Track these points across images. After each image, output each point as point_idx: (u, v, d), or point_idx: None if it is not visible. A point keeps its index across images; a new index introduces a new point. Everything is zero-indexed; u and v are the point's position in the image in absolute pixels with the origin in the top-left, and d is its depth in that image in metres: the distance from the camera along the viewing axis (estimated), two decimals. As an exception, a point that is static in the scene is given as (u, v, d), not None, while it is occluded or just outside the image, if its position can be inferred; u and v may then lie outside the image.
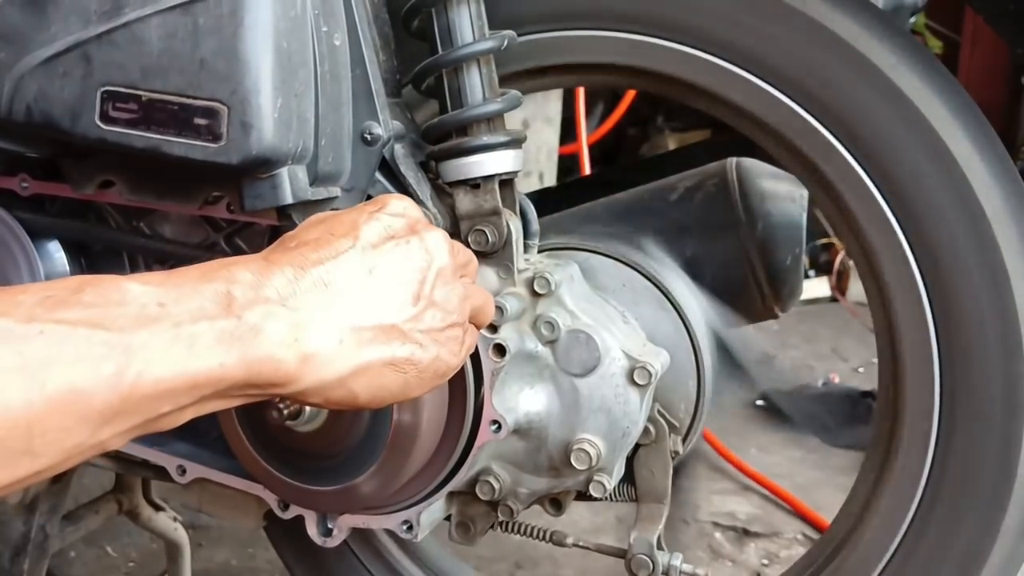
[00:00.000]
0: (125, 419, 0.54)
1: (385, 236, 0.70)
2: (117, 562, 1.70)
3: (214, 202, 0.93)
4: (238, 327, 0.59)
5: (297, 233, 0.70)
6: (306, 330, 0.62)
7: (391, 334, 0.67)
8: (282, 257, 0.66)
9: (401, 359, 0.68)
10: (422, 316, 0.69)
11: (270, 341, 0.60)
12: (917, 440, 0.93)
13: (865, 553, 0.97)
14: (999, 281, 0.87)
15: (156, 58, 0.79)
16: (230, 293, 0.60)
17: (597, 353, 0.92)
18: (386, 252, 0.69)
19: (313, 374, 0.63)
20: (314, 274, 0.65)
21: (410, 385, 0.69)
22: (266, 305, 0.61)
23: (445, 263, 0.71)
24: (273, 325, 0.61)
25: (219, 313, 0.59)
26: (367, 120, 0.88)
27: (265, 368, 0.60)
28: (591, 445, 0.93)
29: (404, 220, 0.72)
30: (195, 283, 0.60)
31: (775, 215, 1.14)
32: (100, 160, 0.93)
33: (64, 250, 1.06)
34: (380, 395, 0.68)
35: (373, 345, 0.66)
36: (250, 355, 0.59)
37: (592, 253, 1.04)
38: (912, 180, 0.89)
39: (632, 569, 1.00)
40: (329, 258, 0.66)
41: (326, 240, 0.68)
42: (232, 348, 0.59)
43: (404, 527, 0.94)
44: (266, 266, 0.64)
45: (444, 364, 0.71)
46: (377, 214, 0.71)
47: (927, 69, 0.89)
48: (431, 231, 0.72)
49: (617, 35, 0.96)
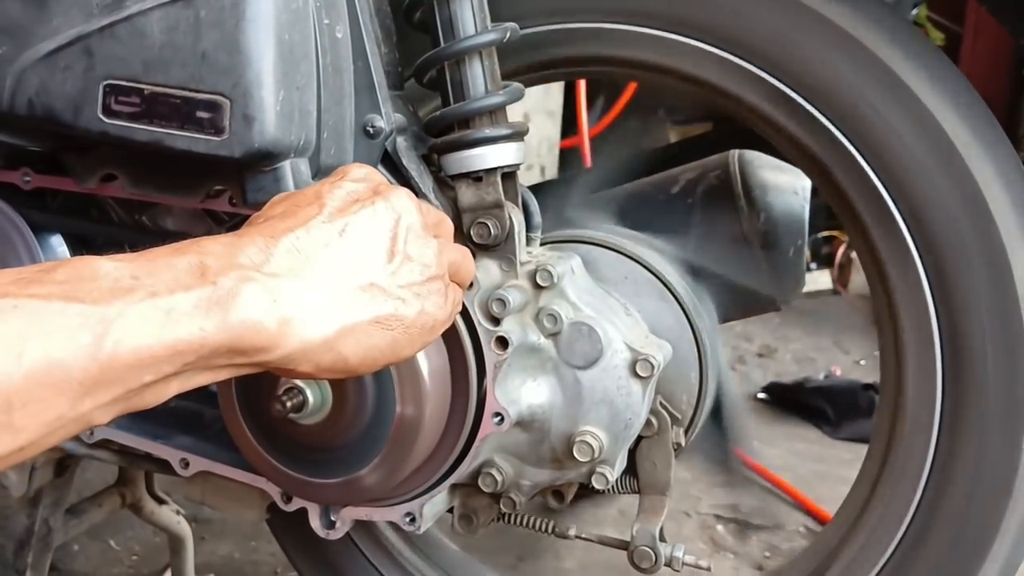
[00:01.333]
0: (106, 390, 0.54)
1: (350, 200, 0.70)
2: (120, 555, 1.70)
3: (216, 195, 0.93)
4: (214, 292, 0.59)
5: (264, 211, 0.70)
6: (284, 293, 0.62)
7: (371, 292, 0.67)
8: (251, 230, 0.66)
9: (385, 315, 0.68)
10: (399, 271, 0.69)
11: (248, 304, 0.60)
12: (919, 432, 0.93)
13: (868, 546, 0.97)
14: (1001, 272, 0.87)
15: (158, 51, 0.79)
16: (203, 263, 0.60)
17: (599, 345, 0.92)
18: (353, 214, 0.69)
19: (296, 336, 0.62)
20: (285, 242, 0.65)
21: (399, 343, 0.69)
22: (241, 271, 0.61)
23: (414, 219, 0.72)
24: (250, 289, 0.60)
25: (194, 282, 0.59)
26: (369, 113, 0.88)
27: (247, 332, 0.60)
28: (593, 437, 0.93)
29: (366, 184, 0.72)
30: (167, 257, 0.60)
31: (777, 207, 1.14)
32: (102, 154, 0.93)
33: (67, 244, 1.06)
34: (371, 355, 0.68)
35: (355, 304, 0.66)
36: (230, 319, 0.59)
37: (594, 245, 1.04)
38: (915, 171, 0.89)
39: (634, 561, 1.00)
40: (298, 226, 0.66)
41: (292, 211, 0.68)
42: (211, 313, 0.58)
43: (407, 519, 0.95)
44: (236, 239, 0.64)
45: (431, 317, 0.71)
46: (339, 182, 0.72)
47: (930, 61, 0.89)
48: (395, 190, 0.72)
49: (618, 27, 0.96)
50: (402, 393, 0.86)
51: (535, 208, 0.97)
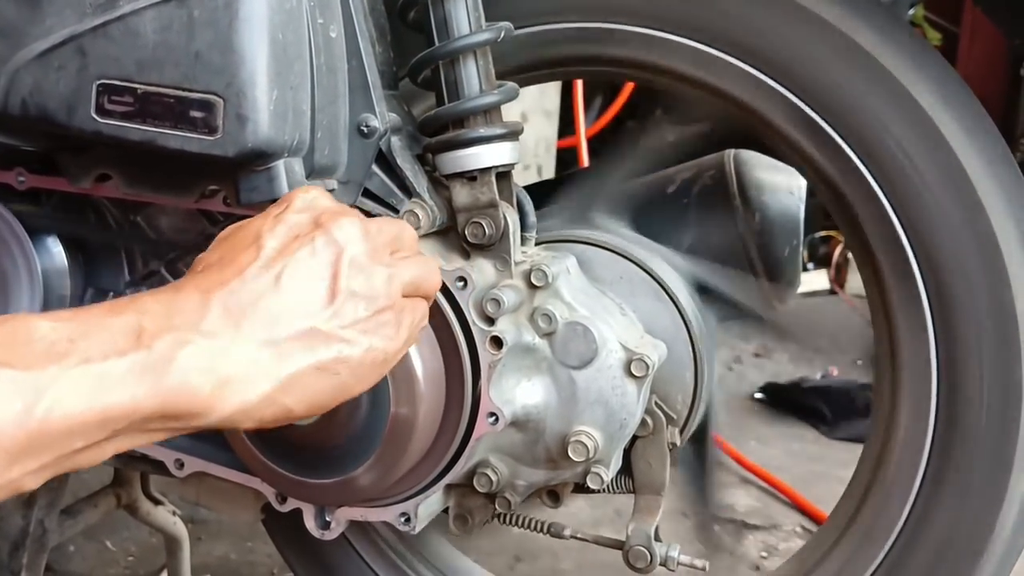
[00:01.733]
0: (35, 457, 0.54)
1: (290, 237, 0.68)
2: (116, 556, 1.70)
3: (211, 195, 0.93)
4: (149, 357, 0.58)
5: (205, 255, 0.69)
6: (220, 355, 0.61)
7: (312, 338, 0.65)
8: (189, 283, 0.65)
9: (328, 361, 0.66)
10: (342, 311, 0.67)
11: (183, 369, 0.59)
12: (915, 432, 0.93)
13: (863, 545, 0.97)
14: (996, 271, 0.87)
15: (151, 51, 0.79)
16: (140, 324, 0.60)
17: (594, 345, 0.92)
18: (292, 254, 0.67)
19: (234, 398, 0.62)
20: (220, 297, 0.63)
21: (347, 385, 0.68)
22: (177, 333, 0.60)
23: (358, 249, 0.69)
24: (185, 353, 0.60)
25: (129, 345, 0.58)
26: (363, 112, 0.88)
27: (180, 398, 0.59)
28: (588, 437, 0.93)
29: (309, 215, 0.70)
30: (104, 317, 0.60)
31: (773, 207, 1.14)
32: (97, 153, 0.93)
33: (62, 244, 1.06)
34: (317, 401, 0.66)
35: (294, 355, 0.64)
36: (163, 386, 0.58)
37: (589, 245, 1.04)
38: (910, 171, 0.89)
39: (630, 560, 1.00)
40: (233, 276, 0.65)
41: (229, 258, 0.67)
42: (144, 380, 0.58)
43: (402, 519, 0.94)
44: (174, 296, 0.63)
45: (380, 352, 0.69)
46: (282, 215, 0.70)
47: (926, 61, 0.89)
48: (338, 220, 0.69)
49: (615, 28, 0.96)
50: (396, 393, 0.86)
51: (530, 208, 0.97)
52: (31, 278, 1.02)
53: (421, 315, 0.75)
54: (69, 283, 1.06)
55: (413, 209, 0.90)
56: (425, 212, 0.90)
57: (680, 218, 1.15)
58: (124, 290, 1.08)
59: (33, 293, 1.02)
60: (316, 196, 0.72)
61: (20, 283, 1.02)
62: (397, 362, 0.71)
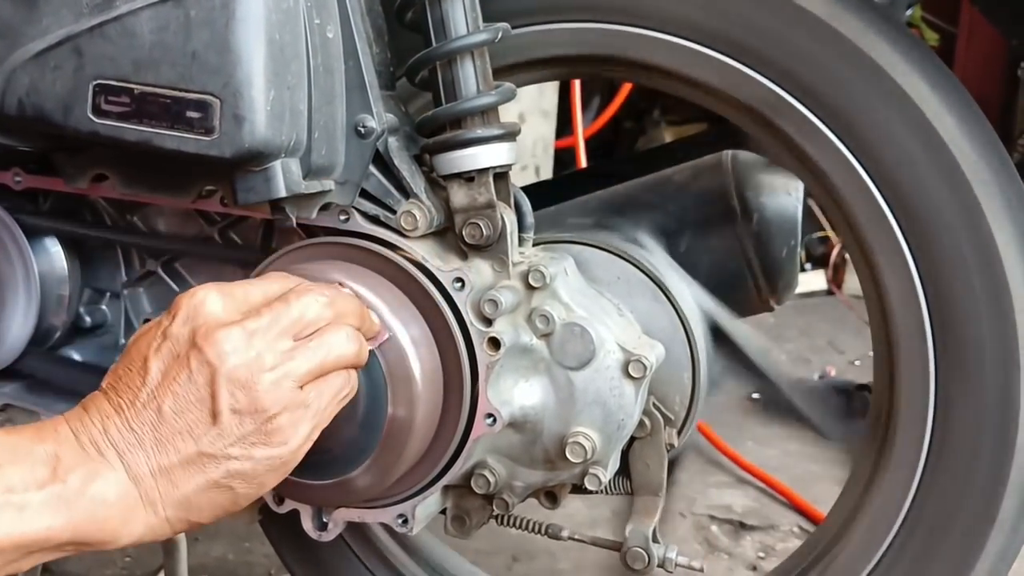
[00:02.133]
0: None
1: (171, 358, 0.71)
2: (113, 556, 1.69)
3: (208, 196, 0.93)
4: (64, 490, 0.65)
5: (114, 366, 0.73)
6: (122, 484, 0.67)
7: (200, 462, 0.69)
8: (93, 405, 0.70)
9: (219, 479, 0.70)
10: (226, 430, 0.70)
11: (93, 502, 0.66)
12: (912, 432, 0.93)
13: (861, 545, 0.97)
14: (993, 270, 0.87)
15: (148, 51, 0.79)
16: (57, 454, 0.66)
17: (592, 346, 0.92)
18: (171, 380, 0.70)
19: (138, 525, 0.68)
20: (117, 424, 0.69)
21: (245, 493, 0.72)
22: (89, 465, 0.67)
23: (235, 363, 0.70)
24: (96, 486, 0.66)
25: (48, 477, 0.65)
26: (361, 113, 0.88)
27: (90, 528, 0.66)
28: (586, 438, 0.93)
29: (189, 329, 0.72)
30: (30, 443, 0.67)
31: (771, 208, 1.14)
32: (93, 154, 0.93)
33: (59, 245, 1.06)
34: (219, 511, 0.72)
35: (185, 480, 0.69)
36: (75, 517, 0.65)
37: (587, 246, 1.04)
38: (907, 173, 0.88)
39: (628, 562, 1.00)
40: (127, 405, 0.70)
41: (124, 382, 0.71)
42: (59, 511, 0.64)
43: (399, 521, 0.94)
44: (84, 421, 0.69)
45: (275, 459, 0.72)
46: (168, 330, 0.72)
47: (923, 63, 0.89)
48: (212, 337, 0.71)
49: (611, 27, 0.96)
50: (394, 395, 0.85)
51: (527, 208, 0.96)
52: (28, 279, 1.02)
53: (335, 392, 0.77)
54: (66, 284, 1.06)
55: (410, 210, 0.90)
56: (422, 213, 0.90)
57: (678, 219, 1.15)
58: (121, 290, 1.08)
59: (30, 294, 1.02)
60: (200, 303, 0.73)
61: (16, 284, 1.02)
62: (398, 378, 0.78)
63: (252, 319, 0.72)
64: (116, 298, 1.09)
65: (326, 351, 0.75)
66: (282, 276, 0.81)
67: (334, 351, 0.76)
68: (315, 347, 0.75)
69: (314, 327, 0.76)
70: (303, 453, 0.74)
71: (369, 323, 0.82)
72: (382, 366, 0.85)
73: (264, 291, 0.76)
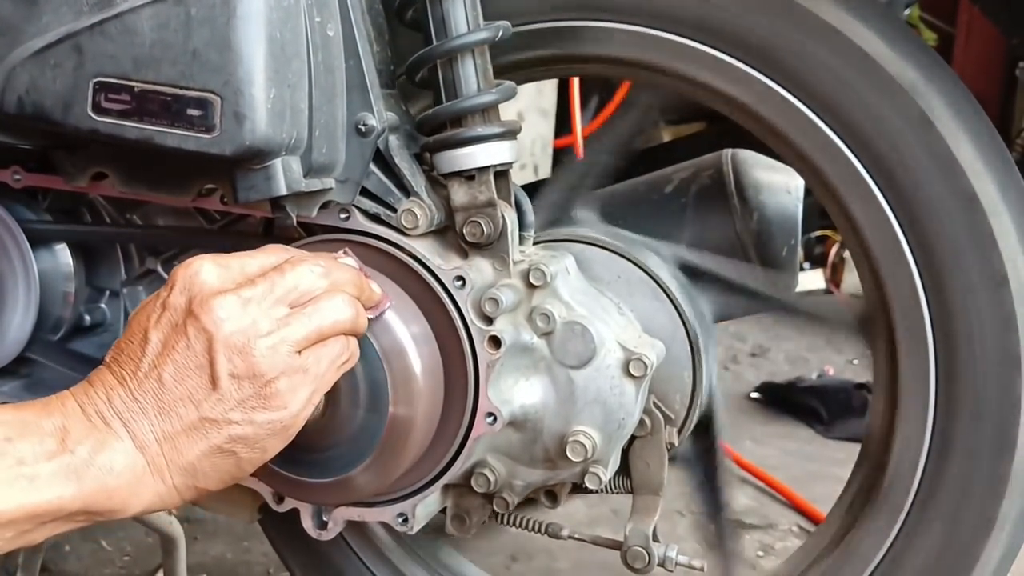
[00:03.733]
0: None
1: (170, 328, 0.72)
2: (112, 556, 1.69)
3: (208, 194, 0.93)
4: (72, 460, 0.67)
5: (119, 340, 0.74)
6: (130, 454, 0.69)
7: (203, 427, 0.70)
8: (97, 380, 0.72)
9: (222, 443, 0.71)
10: (226, 395, 0.71)
11: (101, 471, 0.67)
12: (913, 430, 0.93)
13: (861, 545, 0.97)
14: (993, 268, 0.87)
15: (148, 49, 0.79)
16: (65, 426, 0.68)
17: (592, 345, 0.92)
18: (171, 349, 0.71)
19: (147, 493, 0.69)
20: (121, 394, 0.70)
21: (252, 458, 0.73)
22: (96, 435, 0.68)
23: (231, 329, 0.71)
24: (102, 457, 0.68)
25: (56, 448, 0.67)
26: (361, 111, 0.88)
27: (100, 497, 0.67)
28: (586, 437, 0.93)
29: (185, 298, 0.73)
30: (37, 417, 0.68)
31: (770, 206, 1.13)
32: (93, 152, 0.92)
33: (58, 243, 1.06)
34: (225, 478, 0.73)
35: (190, 444, 0.70)
36: (85, 487, 0.67)
37: (587, 244, 1.04)
38: (908, 171, 0.88)
39: (628, 561, 1.00)
40: (129, 376, 0.71)
41: (127, 354, 0.72)
42: (69, 481, 0.66)
43: (399, 520, 0.94)
44: (89, 394, 0.71)
45: (276, 423, 0.72)
46: (166, 300, 0.73)
47: (923, 60, 0.89)
48: (208, 304, 0.72)
49: (612, 26, 0.96)
50: (395, 393, 0.85)
51: (528, 207, 0.96)
52: (27, 277, 1.02)
53: (333, 358, 0.77)
54: (65, 282, 1.05)
55: (411, 208, 0.89)
56: (423, 211, 0.90)
57: (677, 218, 1.15)
58: (121, 288, 1.08)
59: (29, 292, 1.02)
60: (195, 272, 0.74)
61: (16, 282, 1.02)
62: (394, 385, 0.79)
63: (247, 287, 0.74)
64: (116, 296, 1.09)
65: (321, 317, 0.76)
66: (280, 248, 0.81)
67: (330, 317, 0.76)
68: (310, 312, 0.76)
69: (310, 295, 0.76)
70: (304, 418, 0.75)
71: (368, 292, 0.83)
72: (383, 364, 0.85)
73: (261, 263, 0.77)
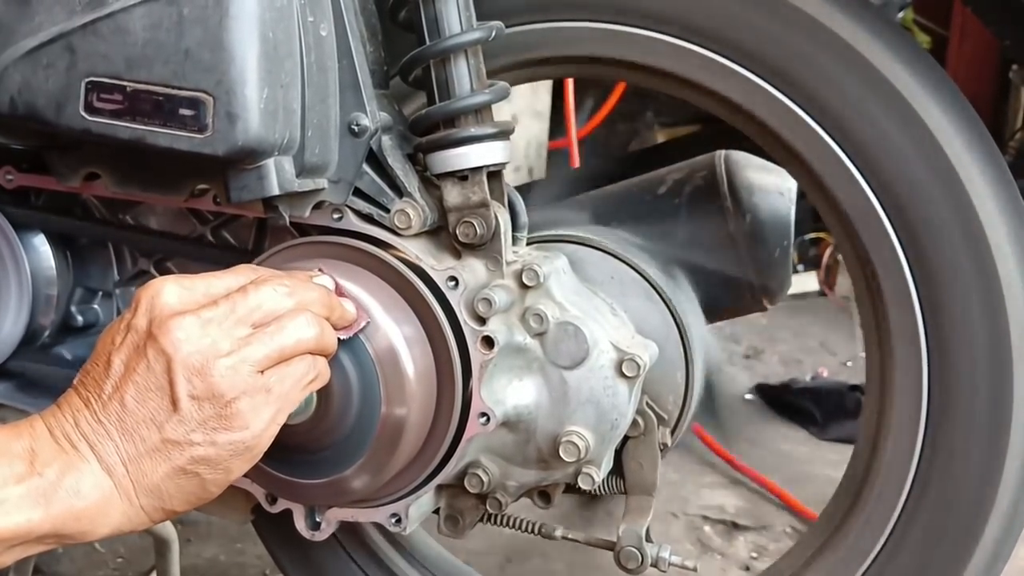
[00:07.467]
0: None
1: (131, 352, 0.72)
2: (105, 558, 1.69)
3: (200, 194, 0.93)
4: (40, 483, 0.67)
5: (86, 363, 0.74)
6: (96, 476, 0.69)
7: (165, 449, 0.71)
8: (65, 401, 0.72)
9: (182, 466, 0.71)
10: (186, 416, 0.71)
11: (68, 493, 0.68)
12: (905, 432, 0.93)
13: (854, 545, 0.97)
14: (987, 271, 0.87)
15: (141, 48, 0.79)
16: (33, 449, 0.68)
17: (586, 345, 0.92)
18: (132, 371, 0.71)
19: (117, 515, 0.70)
20: (87, 417, 0.71)
21: (212, 479, 0.73)
22: (63, 458, 0.69)
23: (189, 350, 0.71)
24: (70, 478, 0.68)
25: (25, 471, 0.67)
26: (354, 111, 0.88)
27: (68, 519, 0.68)
28: (580, 437, 0.93)
29: (146, 320, 0.73)
30: (7, 439, 0.69)
31: (763, 208, 1.14)
32: (85, 152, 0.92)
33: (50, 243, 1.06)
34: (191, 499, 0.73)
35: (153, 467, 0.70)
36: (53, 510, 0.67)
37: (580, 245, 1.04)
38: (900, 172, 0.89)
39: (621, 561, 1.00)
40: (95, 399, 0.71)
41: (92, 377, 0.72)
42: (38, 504, 0.66)
43: (392, 520, 0.94)
44: (57, 417, 0.71)
45: (239, 444, 0.73)
46: (130, 323, 0.73)
47: (917, 62, 0.89)
48: (166, 326, 0.72)
49: (607, 27, 0.96)
50: (387, 393, 0.85)
51: (521, 207, 0.96)
52: (19, 277, 1.02)
53: (297, 378, 0.76)
54: (57, 282, 1.05)
55: (404, 208, 0.89)
56: (416, 212, 0.90)
57: (671, 219, 1.15)
58: (113, 289, 1.08)
59: (21, 292, 1.02)
60: (156, 294, 0.74)
61: (8, 282, 1.02)
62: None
63: (208, 308, 0.74)
64: (108, 297, 1.09)
65: (284, 336, 0.76)
66: (248, 268, 0.81)
67: (292, 336, 0.76)
68: (272, 332, 0.75)
69: (274, 315, 0.76)
70: (269, 438, 0.75)
71: (340, 311, 0.82)
72: (375, 364, 0.85)
73: (227, 283, 0.77)
